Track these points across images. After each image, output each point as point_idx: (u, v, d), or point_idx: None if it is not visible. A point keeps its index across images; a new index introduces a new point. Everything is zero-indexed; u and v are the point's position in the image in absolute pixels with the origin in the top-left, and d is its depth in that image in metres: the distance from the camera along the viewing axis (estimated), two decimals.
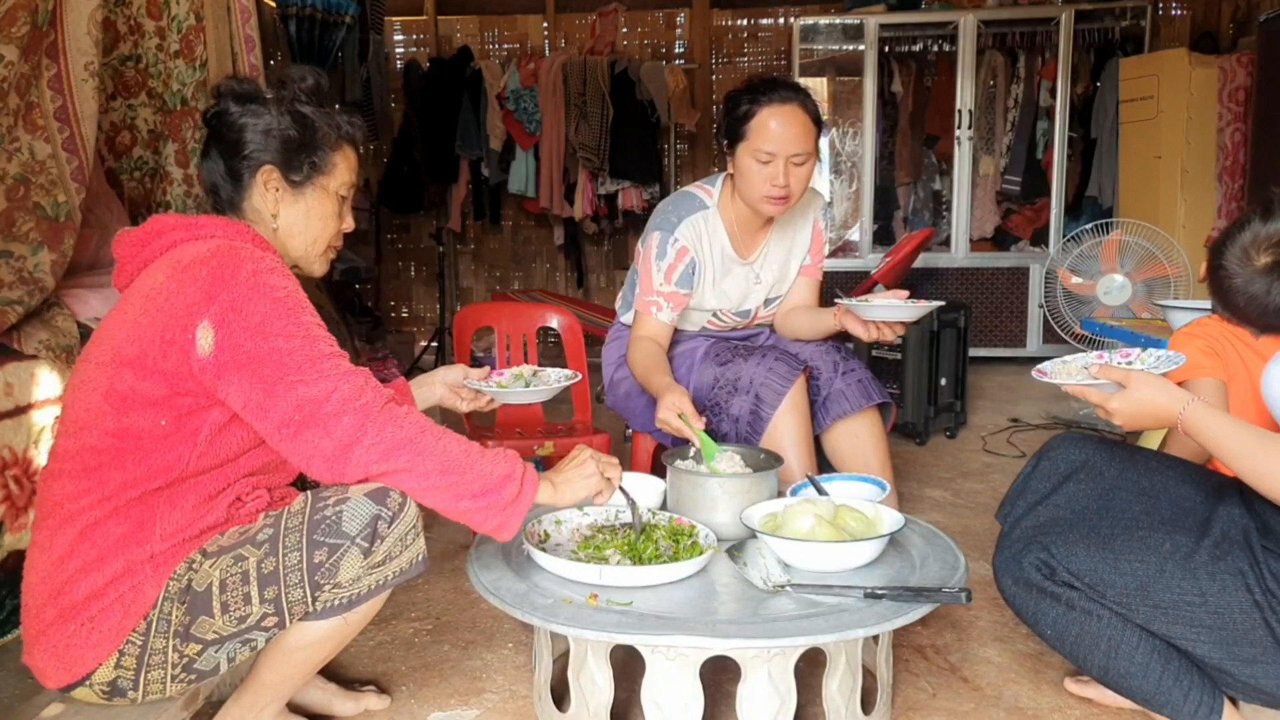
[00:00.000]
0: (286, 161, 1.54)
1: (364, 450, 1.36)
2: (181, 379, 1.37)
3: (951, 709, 1.79)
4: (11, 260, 2.19)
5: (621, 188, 5.78)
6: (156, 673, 1.39)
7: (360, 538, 1.36)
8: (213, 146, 1.56)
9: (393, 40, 6.27)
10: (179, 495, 1.41)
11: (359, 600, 1.41)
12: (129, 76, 2.95)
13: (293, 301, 1.40)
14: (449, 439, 1.43)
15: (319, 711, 1.77)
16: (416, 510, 1.44)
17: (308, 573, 1.36)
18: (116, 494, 1.38)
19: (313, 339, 1.38)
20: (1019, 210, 5.67)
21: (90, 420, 1.41)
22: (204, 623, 1.37)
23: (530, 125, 5.73)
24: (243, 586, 1.36)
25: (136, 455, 1.39)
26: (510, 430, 2.76)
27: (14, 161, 2.23)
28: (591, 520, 1.86)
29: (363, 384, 1.39)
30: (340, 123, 1.59)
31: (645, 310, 2.35)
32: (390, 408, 1.40)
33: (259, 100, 1.54)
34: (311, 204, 1.58)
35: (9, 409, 2.02)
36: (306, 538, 1.36)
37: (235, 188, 1.55)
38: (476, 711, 1.79)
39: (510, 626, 2.13)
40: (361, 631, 2.12)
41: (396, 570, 1.43)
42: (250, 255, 1.42)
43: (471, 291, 6.56)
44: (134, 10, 2.90)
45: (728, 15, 6.26)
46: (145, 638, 1.38)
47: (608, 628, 1.45)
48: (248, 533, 1.41)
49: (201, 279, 1.38)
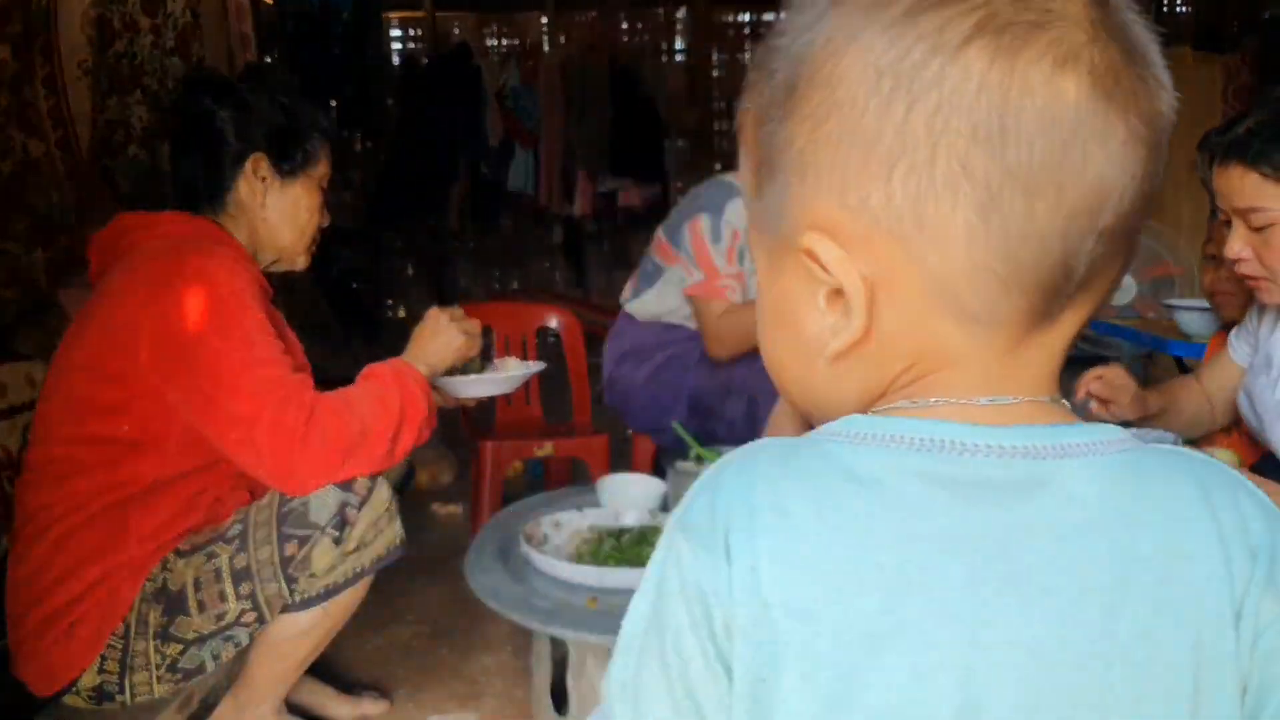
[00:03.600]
0: (278, 150, 1.53)
1: (304, 469, 1.34)
2: (135, 381, 1.34)
3: None
4: (5, 259, 2.17)
5: (621, 186, 5.77)
6: (141, 675, 1.37)
7: (330, 526, 1.35)
8: (189, 142, 1.53)
9: (390, 37, 6.26)
10: (155, 500, 1.39)
11: (336, 590, 1.39)
12: (124, 74, 2.93)
13: (236, 301, 1.36)
14: (358, 406, 1.39)
15: (317, 715, 1.76)
16: (389, 493, 1.42)
17: (280, 566, 1.34)
18: (88, 503, 1.37)
19: (249, 343, 1.34)
20: None
21: (51, 427, 1.40)
22: (183, 622, 1.36)
23: (529, 123, 5.72)
24: (217, 584, 1.35)
25: (106, 465, 1.37)
26: (509, 431, 2.74)
27: (8, 160, 2.21)
28: (592, 522, 1.84)
29: (286, 398, 1.33)
30: (320, 117, 1.60)
31: (719, 294, 2.28)
32: (314, 421, 1.34)
33: (237, 92, 1.52)
34: (300, 194, 1.57)
35: (3, 409, 2.00)
36: (276, 531, 1.35)
37: (216, 181, 1.52)
38: (475, 715, 1.78)
39: (509, 630, 2.11)
40: (359, 635, 2.11)
41: (373, 557, 1.41)
42: (199, 251, 1.39)
43: (470, 291, 6.55)
44: (129, 7, 2.88)
45: (728, 12, 6.24)
46: (125, 640, 1.36)
47: (607, 631, 1.43)
48: (219, 529, 1.40)
49: (146, 279, 1.36)
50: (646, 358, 2.47)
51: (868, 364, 0.49)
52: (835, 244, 0.47)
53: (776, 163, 0.49)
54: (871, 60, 0.44)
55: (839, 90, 0.45)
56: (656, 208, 5.78)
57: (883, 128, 0.44)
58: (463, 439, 2.91)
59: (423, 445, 1.56)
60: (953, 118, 0.43)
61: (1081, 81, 0.44)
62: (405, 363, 1.49)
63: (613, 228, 6.15)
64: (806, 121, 0.47)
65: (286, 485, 1.35)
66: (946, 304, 0.46)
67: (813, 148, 0.47)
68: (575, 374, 2.83)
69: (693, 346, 2.42)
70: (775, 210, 0.50)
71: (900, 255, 0.45)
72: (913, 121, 0.44)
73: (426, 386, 1.48)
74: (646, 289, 2.48)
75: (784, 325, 0.52)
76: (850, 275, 0.46)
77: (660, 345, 2.46)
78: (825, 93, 0.46)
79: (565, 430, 2.76)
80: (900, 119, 0.44)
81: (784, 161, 0.49)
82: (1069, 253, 0.45)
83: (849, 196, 0.46)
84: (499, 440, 2.57)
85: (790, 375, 0.54)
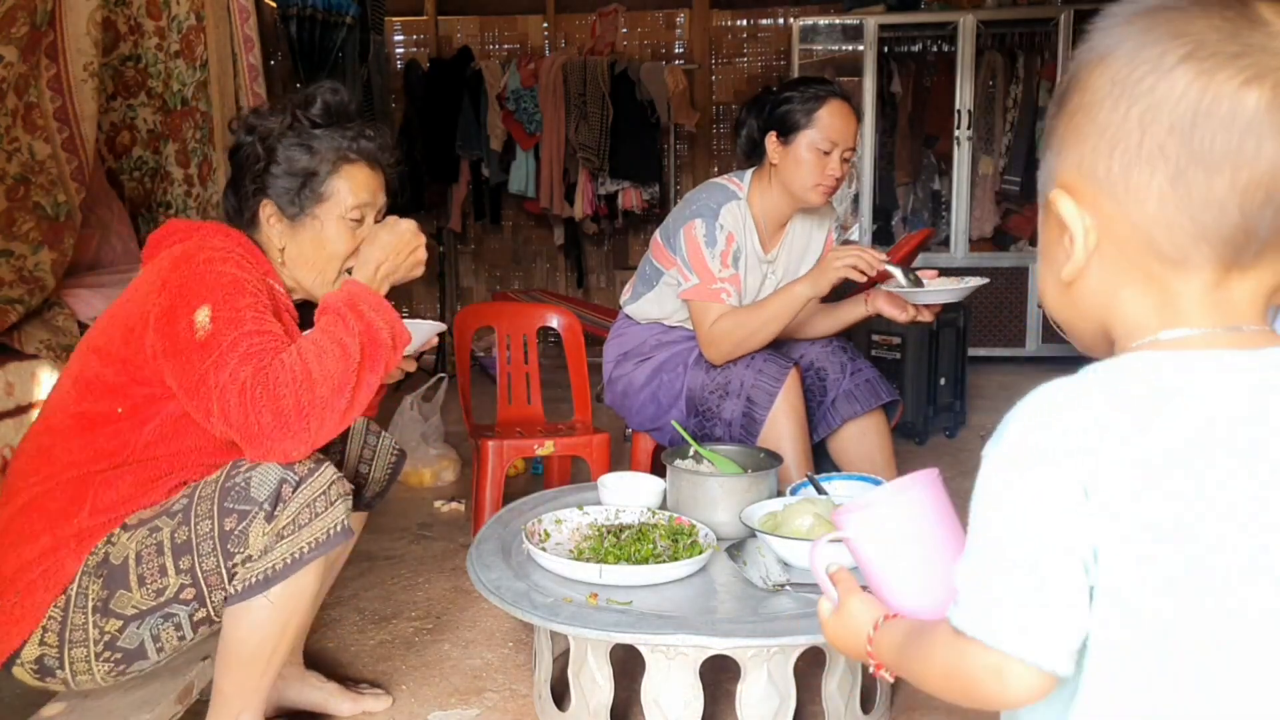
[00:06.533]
0: (282, 194, 1.52)
1: (273, 436, 1.30)
2: (138, 366, 1.38)
3: (951, 709, 1.78)
4: (12, 259, 2.19)
5: (621, 188, 5.78)
6: (79, 649, 1.37)
7: (266, 502, 1.33)
8: (232, 174, 1.57)
9: (393, 40, 6.27)
10: (118, 477, 1.41)
11: (276, 576, 1.35)
12: (129, 76, 2.95)
13: (233, 284, 1.38)
14: (324, 358, 1.33)
15: (318, 711, 1.77)
16: (330, 476, 1.38)
17: (219, 541, 1.33)
18: (60, 472, 1.39)
19: (238, 319, 1.34)
20: (1018, 210, 5.66)
21: (57, 404, 1.43)
22: (122, 597, 1.35)
23: (530, 125, 5.73)
24: (158, 558, 1.35)
25: (82, 437, 1.40)
26: (510, 429, 2.76)
27: (14, 161, 2.23)
28: (592, 520, 1.86)
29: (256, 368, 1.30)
30: (341, 142, 1.53)
31: (715, 298, 2.30)
32: (273, 392, 1.30)
33: (263, 132, 1.53)
34: (314, 234, 1.54)
35: (9, 408, 2.02)
36: (218, 505, 1.34)
37: (245, 221, 1.56)
38: (477, 711, 1.79)
39: (510, 625, 2.13)
40: (361, 631, 2.13)
41: (310, 542, 1.36)
42: (210, 246, 1.43)
43: (471, 291, 6.55)
44: (134, 10, 2.91)
45: (727, 16, 6.25)
46: (65, 613, 1.36)
47: (608, 627, 1.45)
48: (166, 504, 1.40)
49: (163, 270, 1.40)
50: (645, 358, 2.49)
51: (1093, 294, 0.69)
52: (1071, 200, 0.67)
53: (1050, 144, 0.71)
54: (1109, 75, 0.65)
55: (1087, 95, 0.67)
56: (657, 210, 5.80)
57: (1110, 120, 0.65)
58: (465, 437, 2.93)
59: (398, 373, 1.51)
60: (1158, 116, 0.63)
61: (1264, 94, 0.61)
62: (367, 290, 1.44)
63: (613, 229, 6.17)
64: (1064, 116, 0.69)
65: (269, 454, 1.32)
66: (1148, 247, 0.65)
67: (1067, 133, 0.68)
68: (576, 374, 2.85)
69: (690, 347, 2.44)
70: (1044, 177, 0.71)
71: (1114, 209, 0.66)
72: (1130, 117, 0.64)
73: (386, 309, 1.43)
74: (645, 292, 2.49)
75: (1045, 260, 0.73)
76: (1076, 221, 0.67)
77: (659, 346, 2.48)
78: (1079, 96, 0.67)
79: (566, 429, 2.78)
80: (1122, 115, 0.64)
81: (1051, 142, 0.71)
82: (1247, 216, 0.62)
83: (1084, 167, 0.67)
84: (500, 439, 2.59)
85: (1048, 299, 0.74)
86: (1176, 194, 0.63)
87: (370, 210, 1.58)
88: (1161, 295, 0.66)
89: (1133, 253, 0.66)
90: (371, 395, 1.39)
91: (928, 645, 0.71)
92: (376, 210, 1.59)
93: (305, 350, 1.34)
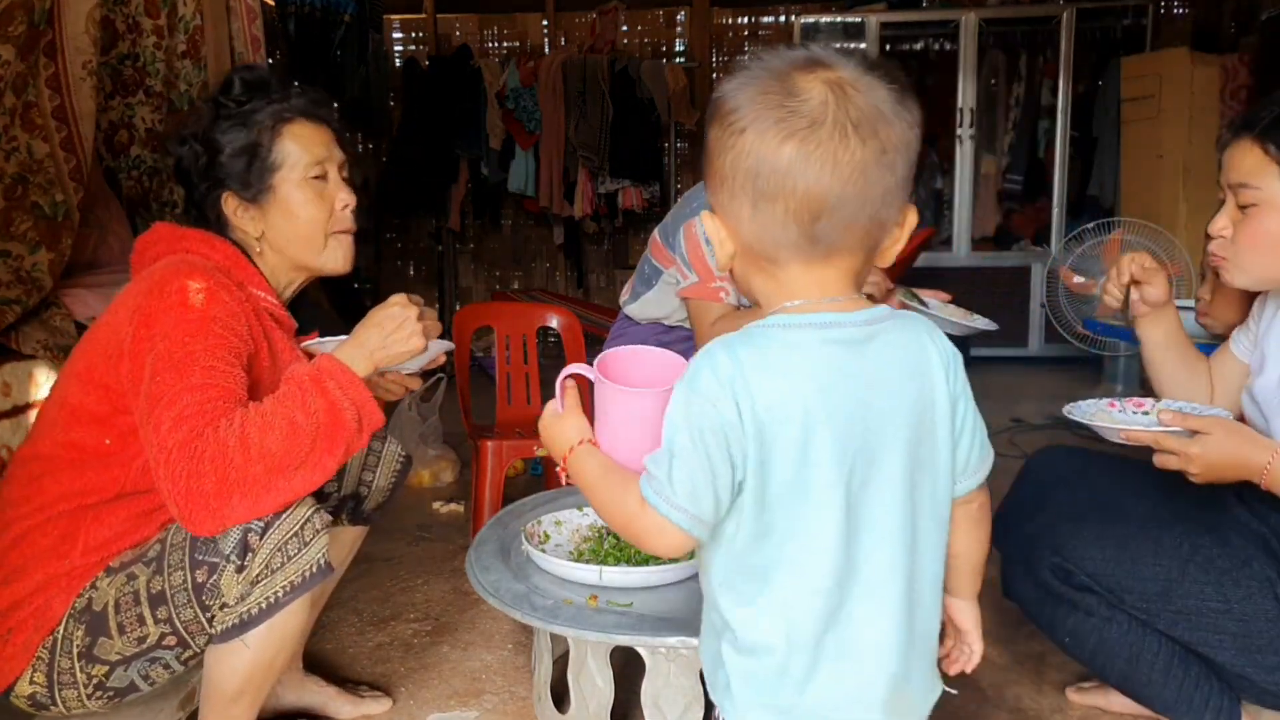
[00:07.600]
0: (235, 179, 1.47)
1: (199, 514, 1.23)
2: (120, 394, 1.33)
3: (952, 709, 1.78)
4: (9, 259, 2.18)
5: (621, 187, 5.76)
6: (70, 691, 1.35)
7: (233, 554, 1.27)
8: (185, 195, 1.53)
9: (391, 38, 6.26)
10: (109, 512, 1.37)
11: (253, 621, 1.30)
12: (127, 75, 2.94)
13: (196, 326, 1.30)
14: (267, 433, 1.25)
15: (318, 714, 1.77)
16: (302, 515, 1.31)
17: (194, 593, 1.29)
18: (51, 505, 1.36)
19: (187, 369, 1.26)
20: (1020, 209, 5.66)
21: (46, 428, 1.40)
22: (104, 644, 1.33)
23: (530, 124, 5.72)
24: (135, 607, 1.31)
25: (74, 470, 1.36)
26: (509, 430, 2.75)
27: (11, 161, 2.22)
28: (592, 521, 1.85)
29: (186, 435, 1.23)
30: (275, 107, 1.47)
31: (713, 296, 2.26)
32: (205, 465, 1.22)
33: (194, 132, 1.48)
34: (282, 207, 1.49)
35: (7, 409, 2.01)
36: (189, 556, 1.29)
37: (216, 224, 1.50)
38: (476, 713, 1.79)
39: (510, 628, 2.12)
40: (361, 633, 2.12)
41: (285, 586, 1.30)
42: (189, 265, 1.38)
43: (471, 291, 6.54)
44: (132, 9, 2.90)
45: (728, 14, 6.25)
46: (52, 655, 1.34)
47: (608, 629, 1.44)
48: (142, 549, 1.36)
49: (139, 296, 1.35)
50: None
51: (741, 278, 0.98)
52: (714, 219, 0.96)
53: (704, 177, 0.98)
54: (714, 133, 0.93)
55: (708, 145, 0.94)
56: (657, 209, 5.79)
57: (719, 166, 0.92)
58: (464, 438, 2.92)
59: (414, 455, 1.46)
60: (739, 165, 0.90)
61: (794, 146, 0.87)
62: (339, 366, 1.34)
63: (613, 229, 6.16)
64: (705, 158, 0.95)
65: (189, 527, 1.26)
66: (754, 252, 0.93)
67: (707, 172, 0.95)
68: None
69: (690, 347, 2.43)
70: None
71: (732, 226, 0.93)
72: (726, 164, 0.91)
73: (358, 389, 1.33)
74: (644, 291, 2.48)
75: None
76: (715, 234, 0.96)
77: (659, 346, 2.47)
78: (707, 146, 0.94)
79: None
80: (722, 163, 0.91)
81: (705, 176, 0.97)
82: (804, 230, 0.89)
83: (715, 197, 0.95)
84: (499, 439, 2.58)
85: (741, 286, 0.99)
86: (758, 219, 0.90)
87: (330, 165, 1.53)
88: (774, 281, 0.94)
89: (749, 254, 0.94)
90: (327, 478, 1.31)
91: (620, 492, 0.98)
92: (337, 164, 1.54)
93: (249, 421, 1.25)
